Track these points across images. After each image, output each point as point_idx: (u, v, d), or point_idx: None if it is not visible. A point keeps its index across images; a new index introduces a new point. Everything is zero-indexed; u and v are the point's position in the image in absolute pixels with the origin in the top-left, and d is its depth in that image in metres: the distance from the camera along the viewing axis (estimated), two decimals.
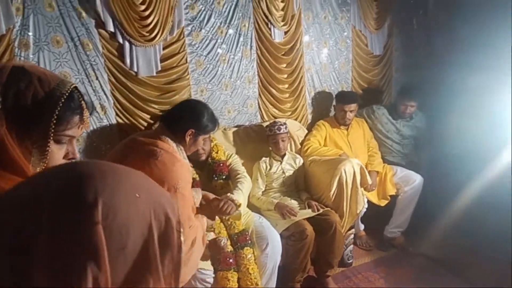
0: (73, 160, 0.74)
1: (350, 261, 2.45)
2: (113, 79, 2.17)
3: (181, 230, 0.46)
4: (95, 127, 2.15)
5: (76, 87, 0.75)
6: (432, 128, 2.84)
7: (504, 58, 2.33)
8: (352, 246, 2.47)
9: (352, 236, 2.46)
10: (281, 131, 2.39)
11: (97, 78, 2.12)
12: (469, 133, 2.31)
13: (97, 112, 2.15)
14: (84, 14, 2.03)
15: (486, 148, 2.27)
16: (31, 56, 1.94)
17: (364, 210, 2.53)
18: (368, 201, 2.58)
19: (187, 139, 1.48)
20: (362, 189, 2.41)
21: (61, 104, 0.70)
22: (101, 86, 2.14)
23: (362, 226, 2.73)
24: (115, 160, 1.51)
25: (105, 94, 2.16)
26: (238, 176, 2.11)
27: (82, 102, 0.76)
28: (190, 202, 1.41)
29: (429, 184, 2.61)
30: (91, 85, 2.11)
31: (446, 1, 3.07)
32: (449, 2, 3.04)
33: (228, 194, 1.90)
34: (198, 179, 2.02)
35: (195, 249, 1.31)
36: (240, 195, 1.96)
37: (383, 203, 2.64)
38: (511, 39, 2.34)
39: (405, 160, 2.85)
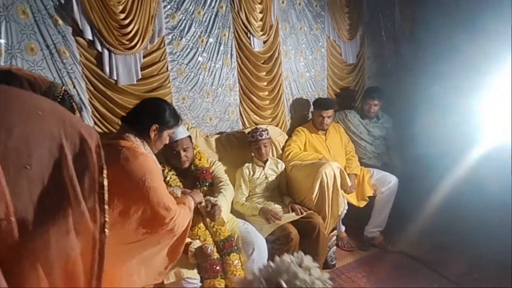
0: None
1: (334, 262, 2.50)
2: (91, 88, 2.13)
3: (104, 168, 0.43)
4: None
5: (66, 90, 0.75)
6: (401, 131, 3.01)
7: (467, 64, 2.52)
8: (335, 247, 2.53)
9: (334, 237, 2.51)
10: (263, 137, 2.43)
11: (74, 87, 2.07)
12: (435, 134, 2.47)
13: None
14: (60, 21, 1.98)
15: (454, 148, 2.43)
16: (3, 63, 1.86)
17: (345, 211, 2.60)
18: (348, 203, 2.66)
19: (152, 135, 1.48)
20: (342, 191, 2.50)
21: None
22: (78, 94, 2.08)
23: (343, 228, 2.81)
24: None
25: (83, 103, 2.11)
26: (221, 184, 2.12)
27: (73, 103, 0.75)
28: (163, 193, 1.39)
29: (404, 184, 2.73)
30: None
31: (410, 14, 3.29)
32: (414, 15, 3.26)
33: (211, 198, 1.90)
34: (181, 186, 2.00)
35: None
36: (223, 201, 1.97)
37: (362, 204, 2.73)
38: (470, 47, 2.54)
39: (380, 162, 2.98)
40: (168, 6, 2.31)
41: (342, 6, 3.09)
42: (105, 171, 0.43)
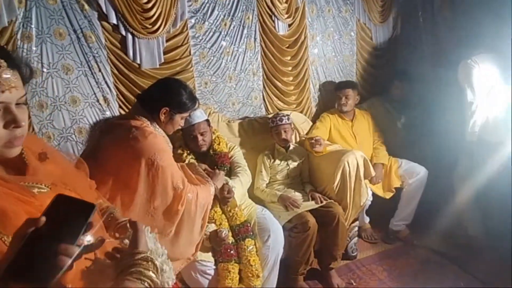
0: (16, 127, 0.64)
1: (355, 253, 2.43)
2: (116, 71, 2.18)
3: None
4: (98, 119, 2.16)
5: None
6: (434, 119, 2.81)
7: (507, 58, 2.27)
8: (356, 238, 2.45)
9: (356, 228, 2.44)
10: (283, 122, 2.38)
11: (100, 70, 2.13)
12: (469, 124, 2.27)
13: (100, 104, 2.16)
14: (86, 6, 2.03)
15: (487, 139, 2.23)
16: (34, 48, 1.95)
17: (369, 202, 2.51)
18: (374, 194, 2.56)
19: (162, 117, 1.47)
20: (367, 181, 2.40)
21: None
22: (104, 78, 2.15)
23: (367, 219, 2.71)
24: (91, 145, 1.53)
25: (108, 86, 2.17)
26: (239, 168, 2.11)
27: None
28: (173, 172, 1.38)
29: (433, 176, 2.58)
30: (94, 77, 2.12)
31: None
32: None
33: (229, 181, 1.90)
34: None
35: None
36: (238, 184, 1.96)
37: (388, 195, 2.62)
38: None
39: (410, 152, 2.82)
40: None
41: None
42: None
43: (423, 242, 2.50)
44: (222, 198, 1.82)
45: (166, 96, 1.48)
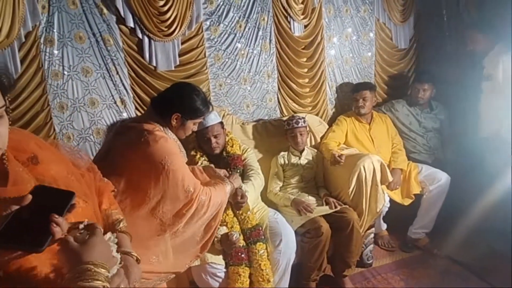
0: None
1: (370, 261, 2.36)
2: (132, 74, 2.22)
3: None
4: (115, 120, 2.21)
5: None
6: (458, 122, 2.69)
7: None
8: (372, 245, 2.38)
9: (372, 235, 2.37)
10: (299, 125, 2.35)
11: (117, 73, 2.18)
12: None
13: (117, 105, 2.21)
14: (105, 10, 2.09)
15: None
16: (55, 51, 2.03)
17: (386, 209, 2.43)
18: (391, 200, 2.48)
19: (173, 122, 1.47)
20: (385, 187, 2.33)
21: None
22: (121, 80, 2.20)
23: (384, 226, 2.63)
24: (106, 146, 1.55)
25: (125, 88, 2.22)
26: (252, 172, 2.09)
27: None
28: (184, 175, 1.38)
29: (456, 182, 2.46)
30: (111, 80, 2.17)
31: None
32: None
33: (243, 186, 1.89)
34: None
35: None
36: (251, 188, 1.95)
37: (407, 202, 2.52)
38: None
39: (432, 157, 2.71)
40: None
41: None
42: None
43: (444, 251, 2.40)
44: (236, 203, 1.81)
45: (178, 102, 1.47)
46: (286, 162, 2.39)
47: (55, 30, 2.01)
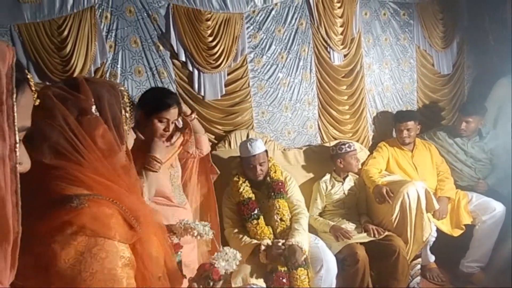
0: None
1: None
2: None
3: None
4: None
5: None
6: (508, 150, 2.54)
7: None
8: (419, 278, 2.27)
9: (418, 266, 2.26)
10: (352, 149, 2.37)
11: None
12: None
13: None
14: (161, 47, 2.33)
15: None
16: None
17: (433, 239, 2.32)
18: (440, 231, 2.36)
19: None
20: (431, 216, 2.24)
21: None
22: None
23: (432, 257, 2.48)
24: None
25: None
26: (298, 211, 2.08)
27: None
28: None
29: None
30: None
31: None
32: None
33: (293, 240, 1.87)
34: (253, 198, 2.07)
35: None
36: (304, 235, 1.95)
37: (457, 233, 2.39)
38: None
39: (482, 186, 2.56)
40: (251, 27, 2.49)
41: (434, 12, 2.84)
42: (15, 95, 0.44)
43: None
44: (285, 258, 1.83)
45: (140, 101, 1.63)
46: (329, 187, 2.39)
47: (118, 66, 2.27)
